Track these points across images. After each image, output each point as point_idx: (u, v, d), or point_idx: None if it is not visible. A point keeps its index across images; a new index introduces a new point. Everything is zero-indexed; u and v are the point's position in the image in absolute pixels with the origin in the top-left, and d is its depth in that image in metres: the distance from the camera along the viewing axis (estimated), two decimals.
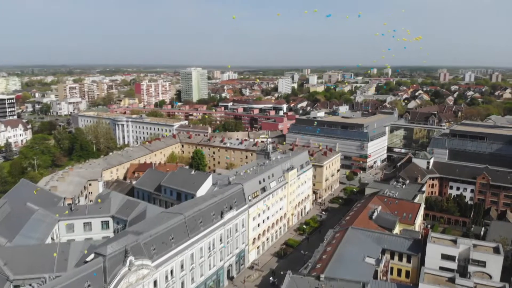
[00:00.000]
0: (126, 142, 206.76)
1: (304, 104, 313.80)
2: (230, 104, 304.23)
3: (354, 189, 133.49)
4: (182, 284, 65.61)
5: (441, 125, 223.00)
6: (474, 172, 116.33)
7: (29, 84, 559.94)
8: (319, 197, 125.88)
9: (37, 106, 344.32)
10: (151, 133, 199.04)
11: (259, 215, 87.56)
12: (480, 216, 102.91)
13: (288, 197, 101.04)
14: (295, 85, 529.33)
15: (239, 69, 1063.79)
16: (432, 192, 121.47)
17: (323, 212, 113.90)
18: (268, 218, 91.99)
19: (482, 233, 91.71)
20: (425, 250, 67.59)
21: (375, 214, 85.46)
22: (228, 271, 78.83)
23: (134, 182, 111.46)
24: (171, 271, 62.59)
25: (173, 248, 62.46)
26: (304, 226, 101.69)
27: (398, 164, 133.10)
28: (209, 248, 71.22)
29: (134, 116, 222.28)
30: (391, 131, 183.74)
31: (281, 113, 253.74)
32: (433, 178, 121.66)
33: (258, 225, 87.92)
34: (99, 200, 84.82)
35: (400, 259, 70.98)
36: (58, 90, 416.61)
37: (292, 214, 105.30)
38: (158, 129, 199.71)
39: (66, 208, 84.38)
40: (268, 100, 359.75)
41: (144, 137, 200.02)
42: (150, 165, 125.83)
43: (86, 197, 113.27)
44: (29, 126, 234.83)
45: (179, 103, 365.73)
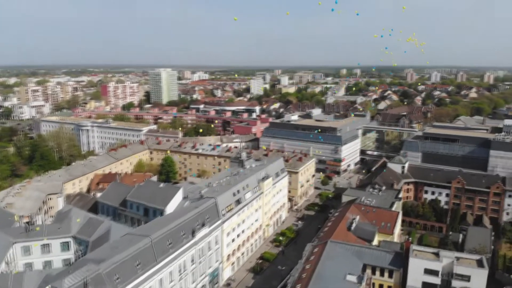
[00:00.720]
0: (91, 149, 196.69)
1: (277, 106, 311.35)
2: (202, 107, 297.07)
3: (330, 195, 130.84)
4: None
5: (412, 126, 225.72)
6: (449, 176, 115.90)
7: None
8: (295, 204, 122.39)
9: None
10: (118, 139, 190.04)
11: (234, 230, 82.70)
12: (457, 222, 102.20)
13: (264, 208, 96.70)
14: (267, 86, 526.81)
15: (210, 69, 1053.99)
16: (408, 197, 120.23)
17: (299, 221, 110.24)
18: (243, 232, 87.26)
19: (460, 240, 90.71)
20: (407, 264, 65.10)
21: (354, 225, 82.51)
22: None
23: (99, 195, 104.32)
24: None
25: (140, 275, 56.72)
26: (281, 238, 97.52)
27: (373, 169, 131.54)
28: (180, 271, 65.75)
29: (100, 121, 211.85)
30: (364, 134, 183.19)
31: (254, 116, 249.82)
32: (408, 183, 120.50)
33: (233, 240, 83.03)
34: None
35: (382, 274, 67.97)
36: (20, 93, 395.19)
37: (268, 225, 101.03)
38: (125, 135, 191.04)
39: (23, 228, 76.92)
40: (241, 101, 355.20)
41: (110, 143, 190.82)
42: (116, 176, 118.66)
43: (46, 213, 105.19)
44: None
45: (148, 105, 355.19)
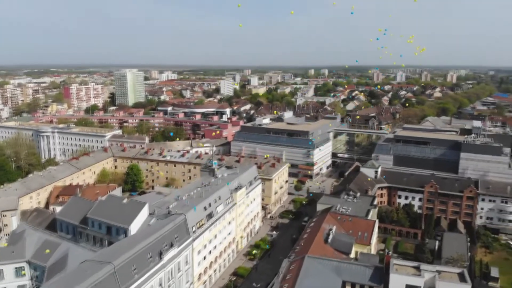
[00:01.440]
0: (52, 156, 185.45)
1: (248, 107, 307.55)
2: (170, 109, 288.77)
3: (304, 201, 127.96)
4: None
5: (381, 128, 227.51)
6: (422, 180, 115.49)
7: None
8: (269, 213, 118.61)
9: None
10: (80, 145, 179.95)
11: (205, 246, 77.75)
12: (432, 227, 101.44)
13: (237, 220, 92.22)
14: (237, 87, 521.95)
15: (179, 69, 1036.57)
16: (381, 202, 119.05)
17: (274, 231, 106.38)
18: (216, 248, 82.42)
19: (437, 247, 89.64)
20: (388, 280, 62.39)
21: (331, 236, 79.62)
22: None
23: (59, 209, 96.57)
24: None
25: None
26: (255, 251, 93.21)
27: (346, 174, 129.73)
28: None
29: (61, 126, 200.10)
30: (335, 137, 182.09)
31: (225, 118, 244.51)
32: (382, 188, 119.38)
33: (204, 258, 78.05)
34: (5, 245, 70.14)
35: None
36: None
37: (241, 237, 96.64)
38: (88, 141, 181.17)
39: None
40: (211, 103, 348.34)
41: (73, 150, 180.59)
42: (77, 188, 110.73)
43: (0, 231, 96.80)
44: None
45: (113, 107, 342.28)
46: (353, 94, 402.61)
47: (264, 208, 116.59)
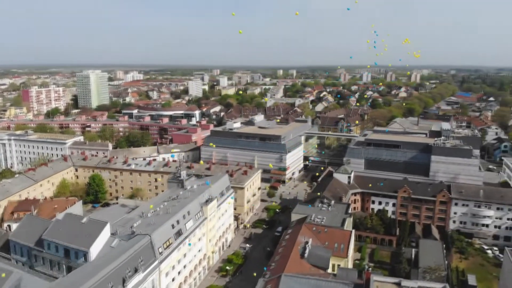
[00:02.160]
0: (9, 166, 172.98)
1: (217, 109, 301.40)
2: (135, 112, 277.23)
3: (277, 209, 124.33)
4: None
5: (350, 129, 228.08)
6: (395, 185, 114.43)
7: None
8: (241, 223, 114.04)
9: None
10: (39, 154, 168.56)
11: (174, 268, 72.24)
12: (406, 234, 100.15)
13: (208, 235, 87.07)
14: (206, 87, 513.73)
15: (145, 68, 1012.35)
16: (355, 208, 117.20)
17: (247, 244, 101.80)
18: (185, 267, 77.03)
19: (413, 256, 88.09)
20: None
21: (307, 251, 76.03)
22: None
23: (14, 227, 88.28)
24: None
25: None
26: (227, 267, 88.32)
27: (319, 180, 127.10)
28: None
29: (18, 133, 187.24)
30: (306, 140, 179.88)
31: (194, 121, 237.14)
32: (355, 193, 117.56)
33: (173, 280, 72.54)
34: None
35: None
36: None
37: (213, 252, 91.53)
38: (48, 148, 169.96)
39: None
40: (179, 104, 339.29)
41: (31, 159, 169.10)
42: (33, 202, 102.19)
43: None
44: None
45: (76, 110, 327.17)
46: (321, 95, 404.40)
47: (237, 218, 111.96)
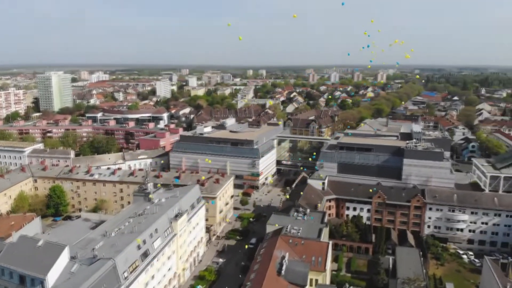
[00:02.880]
0: None
1: (187, 111, 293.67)
2: (100, 115, 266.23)
3: (251, 218, 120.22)
4: None
5: (322, 131, 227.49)
6: (369, 191, 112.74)
7: None
8: (214, 234, 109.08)
9: None
10: None
11: None
12: (382, 241, 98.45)
13: (178, 252, 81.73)
14: (175, 88, 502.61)
15: (111, 68, 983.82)
16: (330, 214, 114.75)
17: (220, 259, 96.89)
18: None
19: (391, 266, 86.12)
20: None
21: (284, 267, 72.27)
22: None
23: None
24: None
25: None
26: (200, 286, 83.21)
27: (293, 186, 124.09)
28: None
29: None
30: (279, 143, 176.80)
31: (162, 125, 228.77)
32: (330, 200, 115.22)
33: None
34: None
35: None
36: None
37: (184, 269, 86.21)
38: (5, 157, 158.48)
39: None
40: (146, 106, 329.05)
41: None
42: None
43: None
44: None
45: (37, 114, 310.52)
46: (292, 96, 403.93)
47: (209, 230, 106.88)
